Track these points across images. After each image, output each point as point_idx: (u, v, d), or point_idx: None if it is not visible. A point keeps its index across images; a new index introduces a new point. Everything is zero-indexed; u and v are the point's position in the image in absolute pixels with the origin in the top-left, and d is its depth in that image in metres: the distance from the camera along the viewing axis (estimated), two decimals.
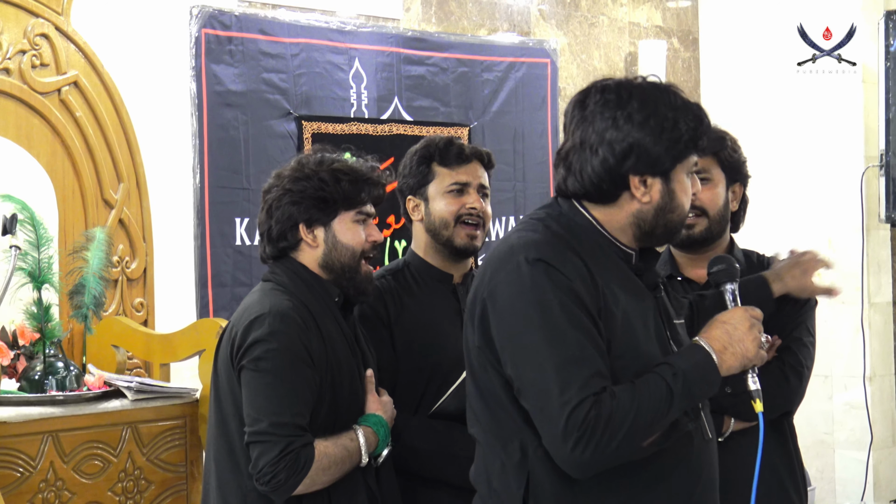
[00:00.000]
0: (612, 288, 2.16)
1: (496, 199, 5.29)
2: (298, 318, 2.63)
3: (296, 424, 2.56)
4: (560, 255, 2.13)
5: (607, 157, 2.16)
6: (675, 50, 6.28)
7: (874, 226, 5.85)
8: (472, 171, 3.08)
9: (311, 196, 2.72)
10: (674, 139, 2.17)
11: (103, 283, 3.53)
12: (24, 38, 3.67)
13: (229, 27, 4.43)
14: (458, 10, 5.34)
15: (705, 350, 2.14)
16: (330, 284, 2.75)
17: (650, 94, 2.18)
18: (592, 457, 2.04)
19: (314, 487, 2.59)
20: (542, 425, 2.08)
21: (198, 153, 4.33)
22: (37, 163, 3.70)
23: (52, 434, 3.16)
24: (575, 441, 2.02)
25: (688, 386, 2.10)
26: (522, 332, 2.10)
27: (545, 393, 2.06)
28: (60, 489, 3.16)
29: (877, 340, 5.88)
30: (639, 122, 2.15)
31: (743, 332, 2.16)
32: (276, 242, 2.76)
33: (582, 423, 2.02)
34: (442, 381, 2.96)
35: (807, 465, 5.46)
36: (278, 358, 2.58)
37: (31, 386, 3.33)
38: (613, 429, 2.03)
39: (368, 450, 2.68)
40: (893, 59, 5.62)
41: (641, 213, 2.20)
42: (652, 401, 2.06)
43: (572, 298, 2.09)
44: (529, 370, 2.09)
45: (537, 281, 2.10)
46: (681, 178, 2.21)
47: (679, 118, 2.18)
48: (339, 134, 4.73)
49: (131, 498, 3.31)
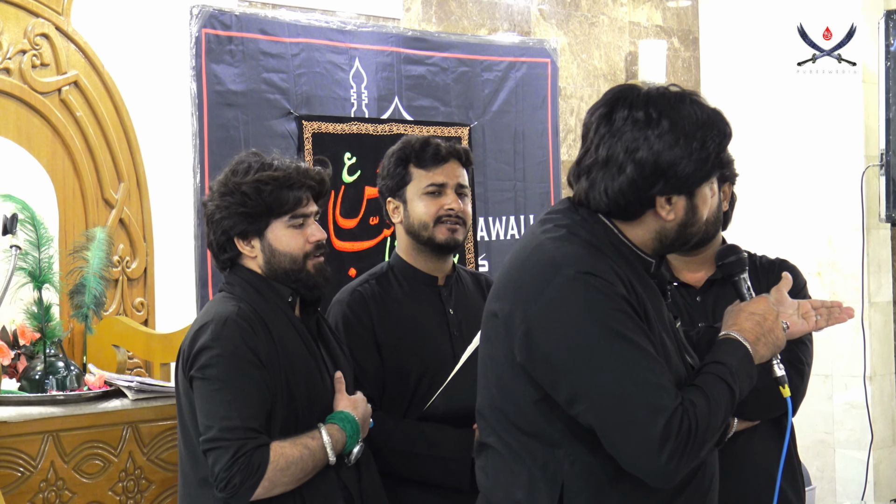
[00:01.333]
0: (643, 295, 2.16)
1: (496, 199, 5.32)
2: (243, 322, 2.62)
3: (247, 427, 2.54)
4: (605, 266, 2.12)
5: (635, 179, 2.14)
6: (675, 50, 6.28)
7: (874, 225, 5.85)
8: (449, 171, 3.05)
9: (236, 212, 2.71)
10: (702, 159, 2.16)
11: (104, 283, 3.53)
12: (24, 37, 3.67)
13: (229, 27, 4.43)
14: (459, 9, 5.34)
15: (743, 344, 2.17)
16: (281, 286, 2.74)
17: (679, 111, 2.16)
18: (685, 465, 2.05)
19: (276, 489, 2.57)
20: (625, 440, 2.05)
21: (198, 153, 4.33)
22: (37, 163, 3.70)
23: (52, 434, 3.16)
24: (671, 452, 2.02)
25: (740, 381, 2.14)
26: (590, 348, 2.07)
27: (628, 408, 2.04)
28: (61, 489, 3.16)
29: (877, 340, 5.88)
30: (669, 144, 2.13)
31: (772, 322, 2.21)
32: (219, 255, 2.78)
33: (677, 435, 2.02)
34: (430, 383, 2.95)
35: (807, 464, 5.49)
36: (224, 363, 2.58)
37: (31, 386, 3.33)
38: (703, 436, 2.05)
39: (335, 447, 2.65)
40: (893, 59, 5.62)
41: (664, 230, 2.20)
42: (722, 402, 2.10)
43: (627, 309, 2.09)
44: (604, 387, 2.06)
45: (593, 296, 2.08)
46: (704, 193, 2.21)
47: (707, 137, 2.16)
48: (340, 134, 4.73)
49: (132, 498, 3.31)
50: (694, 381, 2.12)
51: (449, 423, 2.91)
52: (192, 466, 2.66)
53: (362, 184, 4.76)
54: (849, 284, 5.86)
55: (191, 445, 2.67)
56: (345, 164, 4.75)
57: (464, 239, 3.08)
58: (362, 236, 4.80)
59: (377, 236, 4.83)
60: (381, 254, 4.79)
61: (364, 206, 4.79)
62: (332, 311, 3.06)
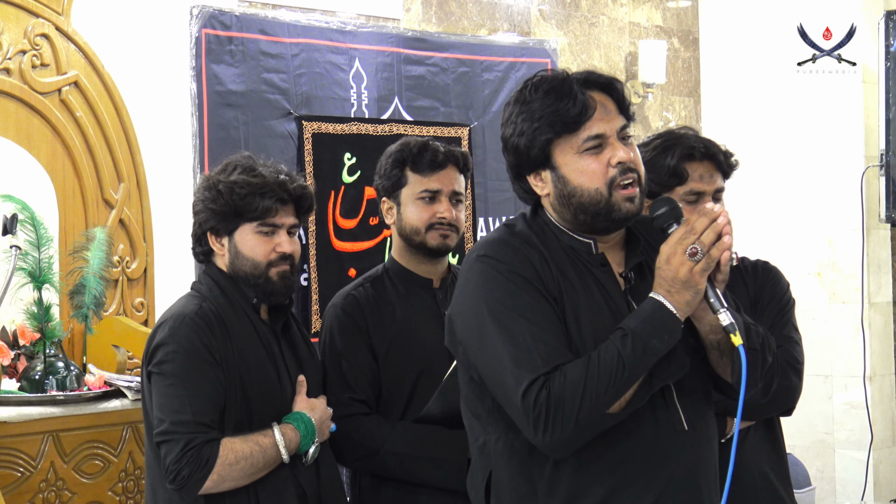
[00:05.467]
0: (563, 278, 2.18)
1: (496, 199, 5.32)
2: (199, 320, 2.68)
3: (197, 422, 2.60)
4: (509, 248, 2.19)
5: (509, 167, 2.28)
6: (675, 50, 6.28)
7: (874, 226, 5.85)
8: (445, 177, 3.04)
9: (209, 207, 2.79)
10: (531, 131, 2.19)
11: (104, 283, 3.54)
12: (24, 38, 3.67)
13: (229, 27, 4.43)
14: (459, 10, 5.34)
15: (654, 300, 2.11)
16: (246, 287, 2.79)
17: (514, 96, 2.24)
18: (558, 435, 2.06)
19: (225, 484, 2.62)
20: (512, 416, 2.12)
21: (198, 153, 4.33)
22: (37, 163, 3.70)
23: (52, 434, 3.16)
24: (534, 424, 2.06)
25: (643, 342, 2.08)
26: (478, 327, 2.16)
27: (505, 383, 2.11)
28: (61, 489, 3.17)
29: (877, 340, 5.88)
30: (506, 128, 2.24)
31: (676, 265, 2.09)
32: (196, 247, 2.86)
33: (535, 406, 2.06)
34: (427, 385, 2.95)
35: (807, 464, 5.50)
36: (177, 359, 2.64)
37: (31, 386, 3.33)
38: (567, 405, 2.05)
39: (288, 446, 2.70)
40: (893, 59, 5.62)
41: (554, 207, 2.25)
42: (603, 368, 2.06)
43: (520, 284, 2.14)
44: (490, 364, 2.15)
45: (486, 275, 2.17)
46: (566, 161, 2.20)
47: (533, 108, 2.19)
48: (340, 134, 4.73)
49: (132, 498, 3.31)
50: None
51: (445, 425, 2.91)
52: (155, 460, 2.70)
53: (362, 184, 4.76)
54: (849, 284, 5.86)
55: (152, 440, 2.71)
56: (345, 164, 4.75)
57: (456, 244, 3.08)
58: (362, 236, 4.80)
59: (377, 236, 4.83)
60: (380, 254, 4.79)
61: (364, 206, 4.79)
62: (326, 315, 3.06)
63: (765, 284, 2.86)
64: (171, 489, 2.62)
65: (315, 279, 4.58)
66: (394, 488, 2.95)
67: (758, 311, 2.79)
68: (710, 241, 2.10)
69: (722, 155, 2.77)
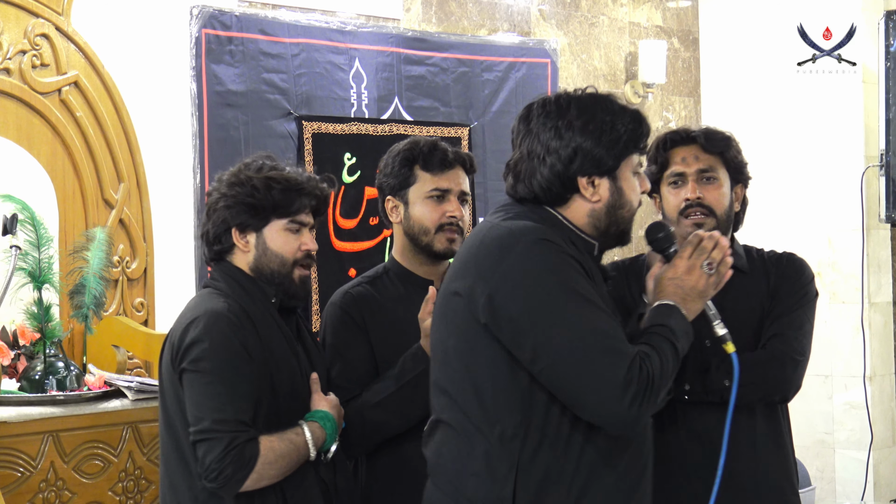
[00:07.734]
0: (590, 270, 2.34)
1: (496, 199, 5.31)
2: (233, 318, 2.68)
3: (238, 420, 2.60)
4: (558, 236, 2.30)
5: (555, 164, 2.34)
6: (675, 50, 6.28)
7: (874, 226, 5.85)
8: (454, 177, 3.04)
9: (242, 202, 2.77)
10: (613, 140, 2.34)
11: (104, 283, 3.54)
12: (24, 38, 3.67)
13: (229, 27, 4.43)
14: (459, 10, 5.34)
15: (673, 306, 2.35)
16: (266, 286, 2.80)
17: (587, 102, 2.37)
18: (645, 411, 2.21)
19: (262, 482, 2.63)
20: (588, 388, 2.20)
21: (198, 153, 4.34)
22: (37, 163, 3.70)
23: (52, 434, 3.16)
24: (633, 396, 2.17)
25: (681, 340, 2.31)
26: (551, 305, 2.23)
27: (591, 356, 2.19)
28: (61, 489, 3.17)
29: (877, 340, 5.88)
30: (579, 128, 2.34)
31: (697, 277, 2.38)
32: (212, 245, 2.83)
33: (638, 380, 2.18)
34: None
35: (807, 465, 5.50)
36: (215, 356, 2.63)
37: (31, 386, 3.34)
38: (658, 384, 2.21)
39: (316, 444, 2.72)
40: (893, 59, 5.62)
41: (595, 213, 2.37)
42: (669, 357, 2.26)
43: (580, 271, 2.27)
44: (566, 339, 2.21)
45: (553, 258, 2.25)
46: (626, 176, 2.38)
47: (616, 121, 2.35)
48: (340, 134, 4.74)
49: (132, 498, 3.31)
50: (640, 342, 2.27)
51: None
52: (178, 459, 2.69)
53: (362, 184, 4.76)
54: (849, 284, 5.86)
55: (175, 438, 2.70)
56: (345, 164, 4.75)
57: None
58: (362, 236, 4.80)
59: (377, 236, 4.83)
60: (380, 254, 4.79)
61: (364, 206, 4.80)
62: (325, 313, 3.07)
63: (786, 274, 2.88)
64: (210, 487, 2.60)
65: (315, 279, 4.59)
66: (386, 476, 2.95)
67: (775, 299, 2.82)
68: (718, 259, 2.41)
69: (703, 136, 2.88)
